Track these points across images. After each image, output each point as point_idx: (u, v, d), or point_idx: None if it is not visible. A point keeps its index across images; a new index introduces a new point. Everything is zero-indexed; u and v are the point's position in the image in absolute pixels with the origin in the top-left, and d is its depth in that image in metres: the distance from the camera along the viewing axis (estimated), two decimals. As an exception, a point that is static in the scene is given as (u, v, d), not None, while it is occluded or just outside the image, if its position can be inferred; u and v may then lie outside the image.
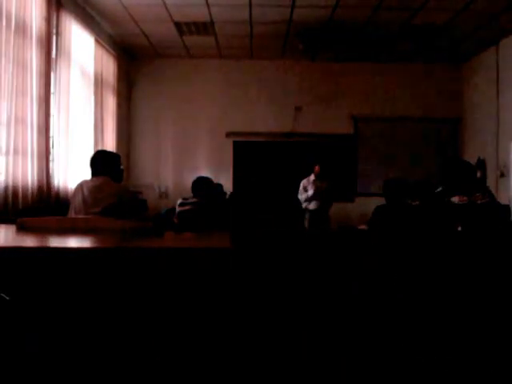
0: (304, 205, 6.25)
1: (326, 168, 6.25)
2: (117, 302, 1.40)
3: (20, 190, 3.74)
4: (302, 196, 6.26)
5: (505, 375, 2.03)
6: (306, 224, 6.22)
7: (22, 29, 3.78)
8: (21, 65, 3.77)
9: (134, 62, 7.27)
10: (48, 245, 1.74)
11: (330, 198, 6.23)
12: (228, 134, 7.27)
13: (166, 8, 5.33)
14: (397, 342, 2.30)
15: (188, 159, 7.28)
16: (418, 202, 3.63)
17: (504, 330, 2.23)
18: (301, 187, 6.29)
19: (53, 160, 4.44)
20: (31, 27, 3.95)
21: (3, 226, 2.18)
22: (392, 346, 2.27)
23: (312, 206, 6.18)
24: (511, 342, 2.20)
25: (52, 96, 4.41)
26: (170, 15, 5.55)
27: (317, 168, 6.21)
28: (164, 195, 7.22)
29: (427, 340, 2.26)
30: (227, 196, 6.29)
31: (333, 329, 2.50)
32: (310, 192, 6.14)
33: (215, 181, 4.63)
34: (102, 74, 5.86)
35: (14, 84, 3.67)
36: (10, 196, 3.60)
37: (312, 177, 6.25)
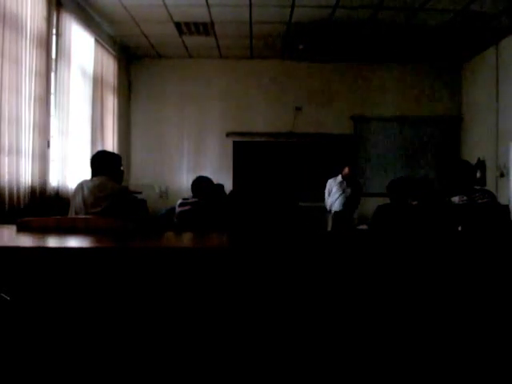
0: (328, 206, 6.13)
1: (354, 170, 6.15)
2: (117, 301, 1.40)
3: (20, 190, 3.74)
4: (326, 200, 6.14)
5: (505, 375, 2.03)
6: (330, 225, 6.07)
7: (22, 29, 3.78)
8: (21, 65, 3.77)
9: (134, 62, 7.27)
10: (48, 245, 1.74)
11: (355, 200, 6.06)
12: (228, 134, 7.27)
13: (166, 8, 5.33)
14: (398, 341, 2.30)
15: (188, 159, 7.28)
16: (415, 202, 3.63)
17: (504, 330, 2.23)
18: (326, 189, 6.15)
19: (53, 160, 4.45)
20: (31, 27, 3.95)
21: (3, 226, 2.18)
22: (393, 346, 2.27)
23: (336, 207, 6.00)
24: (511, 341, 2.20)
25: (52, 96, 4.41)
26: (170, 15, 5.55)
27: (346, 169, 5.99)
28: (164, 195, 7.21)
29: (428, 340, 2.26)
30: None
31: (333, 329, 2.50)
32: (332, 199, 6.01)
33: (215, 181, 4.62)
34: (101, 74, 5.86)
35: (14, 84, 3.67)
36: (10, 196, 3.60)
37: (339, 178, 6.06)
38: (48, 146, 4.33)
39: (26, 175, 3.89)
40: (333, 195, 6.06)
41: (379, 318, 2.42)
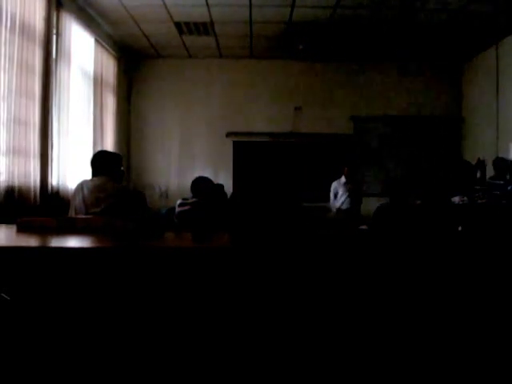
0: (336, 207, 6.37)
1: (353, 169, 6.36)
2: (117, 301, 1.40)
3: (20, 190, 3.74)
4: (332, 203, 6.39)
5: (505, 375, 2.03)
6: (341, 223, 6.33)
7: (22, 29, 3.78)
8: (21, 65, 3.76)
9: (134, 61, 7.26)
10: (48, 245, 1.74)
11: (359, 197, 6.35)
12: (228, 134, 7.27)
13: (166, 8, 5.33)
14: (399, 341, 2.30)
15: (188, 159, 7.28)
16: (418, 202, 3.63)
17: (504, 330, 2.23)
18: (331, 191, 6.39)
19: (53, 160, 4.44)
20: (31, 27, 3.95)
21: (3, 225, 2.18)
22: (394, 345, 2.27)
23: (344, 205, 6.28)
24: (511, 341, 2.20)
25: (52, 96, 4.41)
26: (170, 15, 5.55)
27: (346, 170, 6.29)
28: (164, 195, 7.21)
29: (429, 339, 2.26)
30: (228, 197, 6.27)
31: (333, 329, 2.50)
32: (340, 202, 6.28)
33: (215, 181, 4.62)
34: (102, 74, 5.86)
35: (14, 84, 3.67)
36: (10, 196, 3.60)
37: (343, 179, 6.31)
38: (52, 146, 4.34)
39: (29, 175, 3.89)
40: (340, 197, 6.31)
41: (379, 317, 2.42)
